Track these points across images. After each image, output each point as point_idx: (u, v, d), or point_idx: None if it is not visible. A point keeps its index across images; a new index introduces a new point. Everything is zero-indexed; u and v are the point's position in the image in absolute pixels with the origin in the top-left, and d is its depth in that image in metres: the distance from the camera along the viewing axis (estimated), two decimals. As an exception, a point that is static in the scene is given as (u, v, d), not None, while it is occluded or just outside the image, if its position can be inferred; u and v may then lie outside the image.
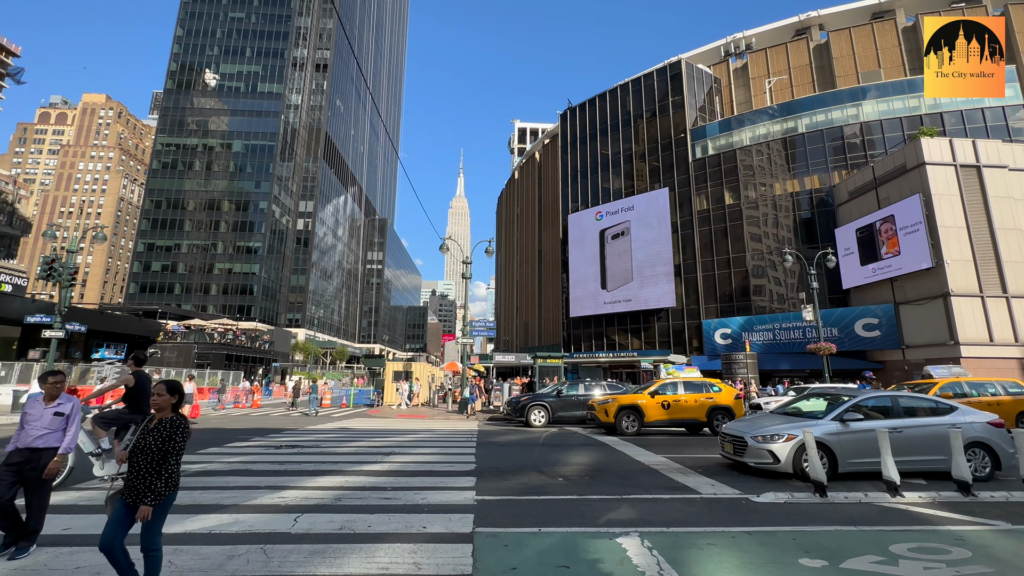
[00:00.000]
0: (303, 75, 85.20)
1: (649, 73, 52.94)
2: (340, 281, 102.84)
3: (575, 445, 12.48)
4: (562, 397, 18.18)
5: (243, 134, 78.64)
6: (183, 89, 79.18)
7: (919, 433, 8.20)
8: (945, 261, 29.33)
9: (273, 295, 77.31)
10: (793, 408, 9.96)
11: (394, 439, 13.00)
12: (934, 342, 29.92)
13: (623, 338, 50.93)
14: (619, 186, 53.63)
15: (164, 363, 38.20)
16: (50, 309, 25.99)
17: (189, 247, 74.36)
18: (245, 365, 47.71)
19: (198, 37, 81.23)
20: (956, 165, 30.89)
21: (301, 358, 70.59)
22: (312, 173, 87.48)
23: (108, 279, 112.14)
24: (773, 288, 42.15)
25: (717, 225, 45.69)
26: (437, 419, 19.62)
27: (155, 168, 76.81)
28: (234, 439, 12.59)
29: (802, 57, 48.92)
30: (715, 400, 15.32)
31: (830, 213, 39.63)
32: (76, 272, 20.30)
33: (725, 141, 46.35)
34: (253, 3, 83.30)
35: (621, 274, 50.22)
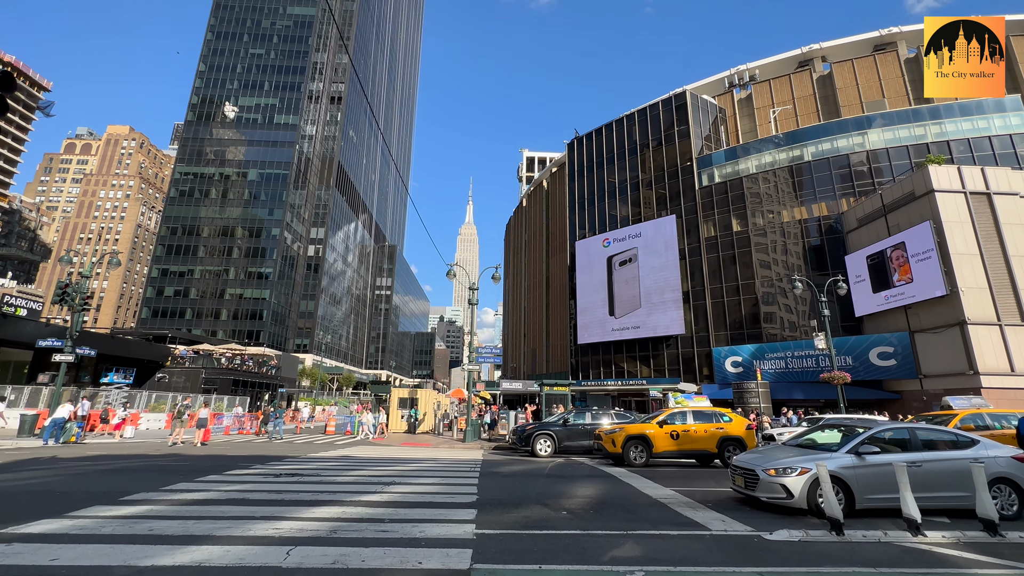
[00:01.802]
0: (318, 107, 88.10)
1: (655, 104, 53.96)
2: (349, 307, 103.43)
3: (581, 476, 12.12)
4: (569, 426, 17.80)
5: (259, 163, 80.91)
6: (203, 120, 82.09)
7: (940, 468, 7.85)
8: (960, 289, 28.82)
9: (282, 320, 77.83)
10: (807, 440, 9.63)
11: (396, 468, 12.74)
12: (952, 372, 29.10)
13: (631, 366, 50.23)
14: (626, 213, 53.95)
15: (171, 388, 38.27)
16: (62, 333, 26.32)
17: (202, 273, 75.57)
18: (252, 391, 47.60)
19: (219, 72, 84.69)
20: (966, 192, 30.71)
21: (308, 384, 70.38)
22: (324, 201, 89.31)
23: (122, 304, 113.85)
24: (784, 316, 41.57)
25: (725, 252, 45.55)
26: (441, 448, 19.26)
27: (172, 196, 78.93)
28: (234, 466, 12.42)
29: (806, 88, 49.67)
30: (726, 431, 14.90)
31: (839, 240, 39.37)
32: (90, 297, 20.64)
33: (731, 169, 46.68)
34: (273, 40, 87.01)
35: (629, 301, 49.95)
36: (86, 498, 7.92)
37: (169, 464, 13.03)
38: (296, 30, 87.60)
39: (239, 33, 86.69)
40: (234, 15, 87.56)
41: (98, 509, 7.15)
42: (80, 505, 7.33)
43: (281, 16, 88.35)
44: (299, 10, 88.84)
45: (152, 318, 72.76)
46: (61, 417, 17.27)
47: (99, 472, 11.31)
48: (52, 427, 17.09)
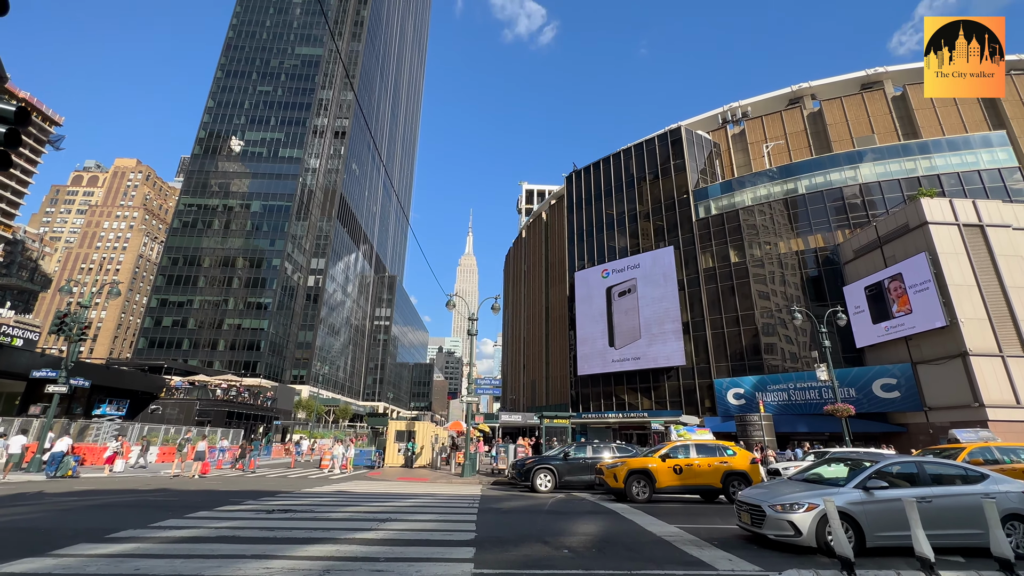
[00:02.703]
0: (322, 141, 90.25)
1: (651, 139, 55.36)
2: (347, 337, 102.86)
3: (582, 513, 11.77)
4: (569, 460, 17.41)
5: (262, 195, 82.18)
6: (209, 154, 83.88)
7: (951, 503, 7.65)
8: (959, 319, 28.80)
9: (280, 351, 77.22)
10: (813, 474, 9.42)
11: (392, 504, 12.39)
12: (958, 404, 28.72)
13: (632, 397, 49.57)
14: (624, 244, 54.45)
15: (165, 420, 37.55)
16: (57, 363, 26.07)
17: (201, 303, 75.48)
18: (246, 423, 46.72)
19: (227, 108, 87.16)
20: (959, 224, 31.15)
21: (304, 416, 69.15)
22: (326, 232, 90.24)
23: (119, 334, 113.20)
24: (785, 346, 41.35)
25: (724, 283, 45.73)
26: (439, 482, 18.77)
27: (175, 227, 79.75)
28: (226, 502, 12.07)
29: (797, 124, 51.10)
30: (730, 464, 14.57)
31: (837, 271, 39.61)
32: (87, 327, 20.55)
33: (727, 201, 47.44)
34: (280, 78, 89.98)
35: (629, 331, 49.77)
36: (71, 535, 7.67)
37: (159, 499, 12.66)
38: (303, 69, 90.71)
39: (248, 72, 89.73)
40: (244, 55, 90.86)
41: (83, 547, 6.91)
42: (65, 543, 7.10)
43: (289, 56, 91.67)
44: (307, 50, 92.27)
45: (149, 348, 72.18)
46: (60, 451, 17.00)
47: (86, 508, 10.98)
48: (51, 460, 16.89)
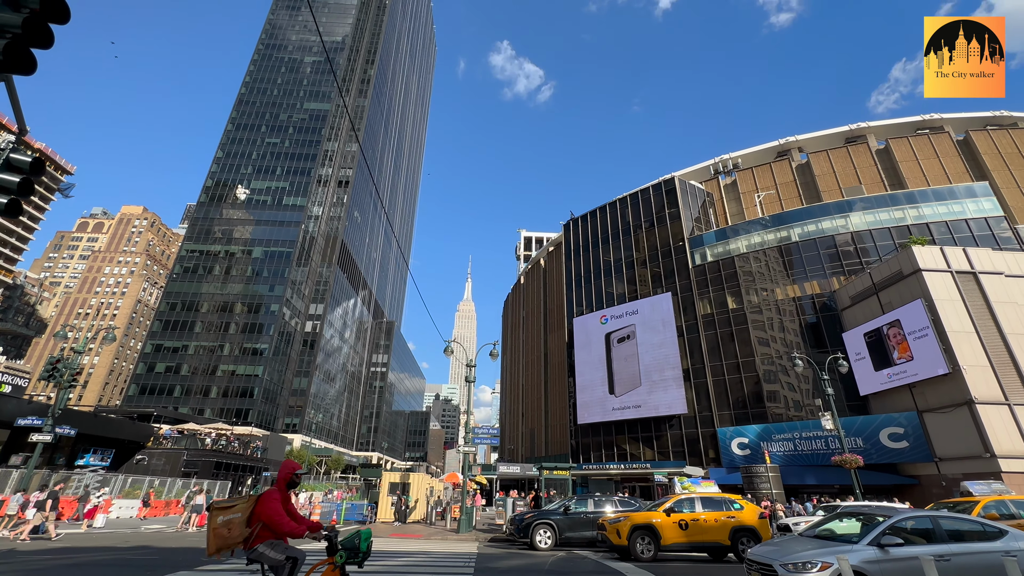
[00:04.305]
0: (326, 190, 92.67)
1: (645, 188, 57.03)
2: (343, 384, 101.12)
3: (584, 574, 11.16)
4: (570, 515, 16.70)
5: (264, 241, 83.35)
6: (215, 202, 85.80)
7: (969, 561, 7.29)
8: (961, 367, 28.57)
9: (273, 398, 75.61)
10: (825, 530, 9.03)
11: (382, 563, 11.74)
12: (969, 455, 27.94)
13: (634, 447, 48.17)
14: (622, 291, 54.78)
15: (150, 471, 36.17)
16: (44, 411, 25.44)
17: (196, 348, 74.65)
18: (234, 474, 45.00)
19: (235, 158, 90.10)
20: (952, 272, 31.56)
21: (294, 467, 66.64)
22: (325, 278, 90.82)
23: (110, 380, 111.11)
24: (787, 394, 40.71)
25: (723, 329, 45.64)
26: (433, 539, 17.89)
27: (176, 272, 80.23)
28: (208, 560, 11.43)
29: (786, 175, 52.87)
30: (738, 519, 13.97)
31: (835, 317, 39.68)
32: (79, 373, 20.23)
33: (723, 249, 48.22)
34: (288, 131, 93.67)
35: (629, 379, 49.10)
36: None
37: (138, 558, 12.00)
38: (310, 122, 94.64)
39: (257, 124, 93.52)
40: (254, 109, 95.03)
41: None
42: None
43: (298, 110, 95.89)
44: (314, 105, 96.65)
45: (139, 395, 70.64)
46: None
47: (60, 568, 10.38)
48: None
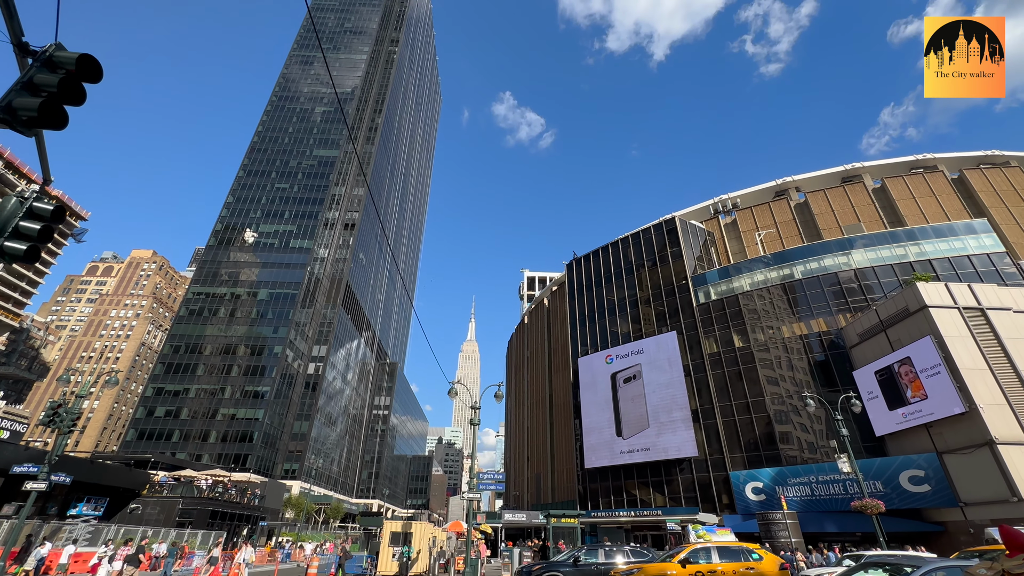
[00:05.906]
0: (332, 233, 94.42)
1: (647, 228, 57.82)
2: (344, 428, 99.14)
3: (597, 631, 10.49)
4: (579, 566, 15.93)
5: (270, 283, 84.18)
6: (223, 245, 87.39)
7: (1008, 617, 6.84)
8: (978, 406, 27.83)
9: (273, 443, 73.99)
10: (849, 582, 8.56)
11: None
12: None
13: (644, 493, 46.40)
14: (627, 330, 54.45)
15: (144, 520, 34.93)
16: (40, 458, 24.95)
17: (197, 392, 73.85)
18: (230, 523, 43.36)
19: (245, 203, 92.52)
20: (959, 308, 31.32)
21: (292, 515, 64.38)
22: (329, 319, 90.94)
23: (108, 425, 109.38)
24: (800, 435, 39.52)
25: (730, 368, 44.95)
26: (436, 594, 16.98)
27: (182, 315, 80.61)
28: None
29: (785, 214, 53.62)
30: (758, 570, 13.28)
31: (844, 355, 39.08)
32: (79, 418, 19.98)
33: (726, 287, 48.24)
34: (298, 176, 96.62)
35: (636, 420, 47.94)
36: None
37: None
38: (319, 168, 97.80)
39: (268, 171, 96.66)
40: (266, 156, 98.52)
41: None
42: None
43: (307, 157, 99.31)
44: (323, 152, 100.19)
45: (137, 440, 69.27)
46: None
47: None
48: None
